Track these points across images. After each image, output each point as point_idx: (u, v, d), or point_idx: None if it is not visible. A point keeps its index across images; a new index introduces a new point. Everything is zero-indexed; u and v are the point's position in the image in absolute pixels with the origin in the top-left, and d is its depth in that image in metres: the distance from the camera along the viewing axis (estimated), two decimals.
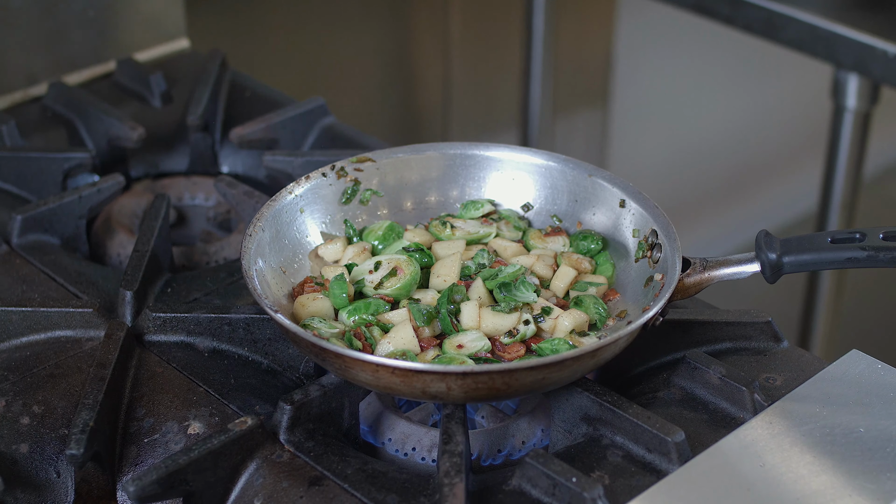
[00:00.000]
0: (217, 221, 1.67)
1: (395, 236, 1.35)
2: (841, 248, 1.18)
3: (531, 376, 1.11)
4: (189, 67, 1.91)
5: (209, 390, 1.24)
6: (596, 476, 1.11)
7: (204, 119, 1.72)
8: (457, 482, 1.07)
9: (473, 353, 1.20)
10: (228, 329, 1.30)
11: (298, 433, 1.16)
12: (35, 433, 1.18)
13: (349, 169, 1.37)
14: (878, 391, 1.18)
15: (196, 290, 1.41)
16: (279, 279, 1.28)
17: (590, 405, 1.17)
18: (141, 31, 1.93)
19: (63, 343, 1.30)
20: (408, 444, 1.22)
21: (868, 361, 1.22)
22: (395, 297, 1.27)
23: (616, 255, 1.33)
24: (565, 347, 1.19)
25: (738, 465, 1.10)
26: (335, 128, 1.74)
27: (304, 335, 1.14)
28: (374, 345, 1.21)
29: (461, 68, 2.72)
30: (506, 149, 1.40)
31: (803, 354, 1.29)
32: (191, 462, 1.09)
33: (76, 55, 1.86)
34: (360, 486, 1.11)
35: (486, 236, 1.36)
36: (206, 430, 1.19)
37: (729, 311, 1.32)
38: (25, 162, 1.60)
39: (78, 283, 1.40)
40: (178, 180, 1.72)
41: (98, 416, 1.15)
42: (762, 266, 1.20)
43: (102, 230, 1.58)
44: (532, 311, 1.24)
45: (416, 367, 1.10)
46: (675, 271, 1.21)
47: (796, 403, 1.17)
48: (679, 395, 1.23)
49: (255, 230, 1.27)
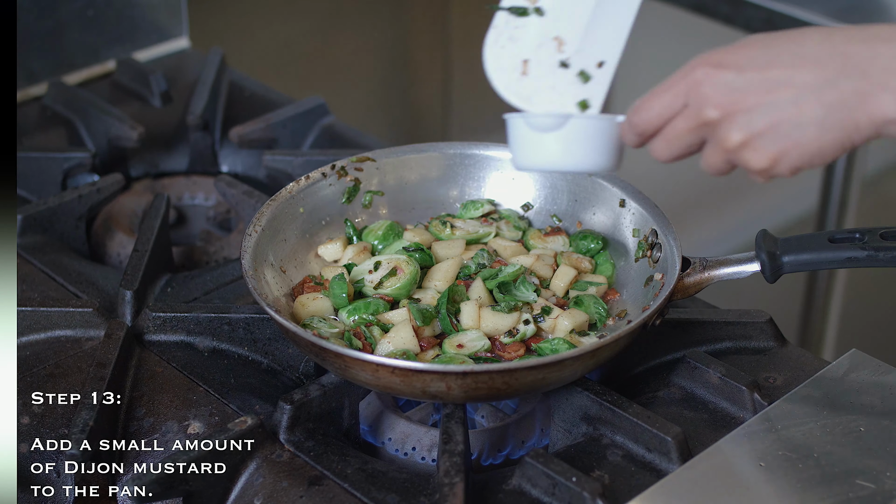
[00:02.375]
0: (217, 221, 1.67)
1: (395, 236, 1.35)
2: (840, 247, 1.18)
3: (531, 376, 1.11)
4: (189, 67, 1.91)
5: (209, 390, 1.24)
6: (596, 476, 1.11)
7: (204, 119, 1.72)
8: (456, 482, 1.06)
9: (473, 353, 1.20)
10: (228, 329, 1.30)
11: (298, 433, 1.16)
12: (35, 433, 1.18)
13: (349, 168, 1.37)
14: (878, 391, 1.18)
15: (196, 289, 1.41)
16: (279, 279, 1.28)
17: (589, 405, 1.17)
18: (141, 31, 1.93)
19: (63, 343, 1.30)
20: (408, 443, 1.22)
21: (868, 361, 1.22)
22: (395, 296, 1.27)
23: (616, 254, 1.33)
24: (565, 347, 1.19)
25: (738, 465, 1.10)
26: (335, 127, 1.74)
27: (304, 335, 1.14)
28: (374, 344, 1.21)
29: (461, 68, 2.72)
30: (506, 148, 1.40)
31: (803, 354, 1.29)
32: (191, 462, 1.09)
33: (76, 55, 1.86)
34: (359, 485, 1.11)
35: (485, 236, 1.36)
36: (206, 429, 1.19)
37: (729, 311, 1.32)
38: (25, 162, 1.60)
39: (78, 283, 1.40)
40: (178, 180, 1.72)
41: (98, 416, 1.15)
42: (762, 266, 1.20)
43: (102, 230, 1.58)
44: (532, 311, 1.24)
45: (416, 367, 1.10)
46: (674, 271, 1.21)
47: (796, 403, 1.17)
48: (679, 395, 1.23)
49: (255, 230, 1.27)
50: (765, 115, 0.95)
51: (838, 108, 0.93)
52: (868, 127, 0.93)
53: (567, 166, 1.13)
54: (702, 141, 1.01)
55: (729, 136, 0.97)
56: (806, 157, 0.96)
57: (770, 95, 0.95)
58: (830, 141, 0.94)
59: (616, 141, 1.09)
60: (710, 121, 0.98)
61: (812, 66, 0.94)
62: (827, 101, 0.94)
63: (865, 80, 0.93)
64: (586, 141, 1.10)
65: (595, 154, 1.10)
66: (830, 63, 0.94)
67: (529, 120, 1.10)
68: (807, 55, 0.95)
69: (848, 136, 0.94)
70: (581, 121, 1.09)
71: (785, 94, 0.95)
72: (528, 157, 1.13)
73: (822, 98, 0.94)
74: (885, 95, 0.92)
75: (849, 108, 0.93)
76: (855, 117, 0.93)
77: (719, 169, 1.01)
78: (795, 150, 0.95)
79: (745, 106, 0.96)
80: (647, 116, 1.02)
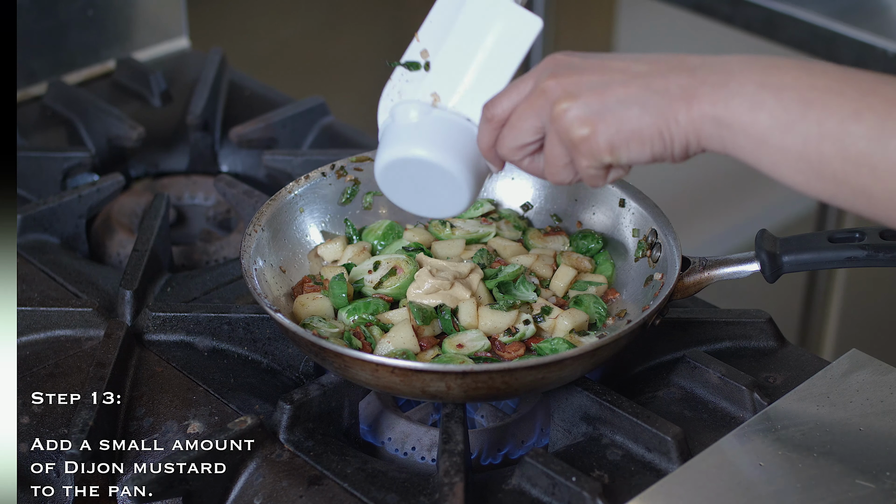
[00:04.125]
0: (217, 221, 1.67)
1: (394, 235, 1.35)
2: (840, 247, 1.18)
3: (530, 376, 1.11)
4: (189, 67, 1.91)
5: (209, 389, 1.24)
6: (595, 475, 1.11)
7: (204, 118, 1.72)
8: (456, 481, 1.06)
9: (473, 353, 1.20)
10: (228, 328, 1.30)
11: (298, 432, 1.16)
12: (35, 433, 1.18)
13: (349, 168, 1.37)
14: (877, 391, 1.18)
15: (196, 289, 1.41)
16: (279, 279, 1.28)
17: (589, 404, 1.17)
18: (141, 31, 1.93)
19: (63, 342, 1.30)
20: (407, 443, 1.22)
21: (868, 361, 1.22)
22: (395, 296, 1.27)
23: (616, 254, 1.33)
24: (565, 347, 1.19)
25: (737, 465, 1.10)
26: (335, 127, 1.74)
27: (304, 334, 1.14)
28: (374, 344, 1.21)
29: None
30: None
31: (803, 354, 1.29)
32: (190, 461, 1.09)
33: (76, 55, 1.86)
34: (359, 485, 1.11)
35: (485, 236, 1.36)
36: (206, 429, 1.19)
37: (729, 311, 1.32)
38: (25, 161, 1.60)
39: (78, 283, 1.40)
40: (178, 180, 1.72)
41: (98, 416, 1.15)
42: (762, 265, 1.20)
43: (102, 230, 1.58)
44: (532, 311, 1.24)
45: (416, 367, 1.10)
46: (674, 270, 1.21)
47: (796, 403, 1.17)
48: (679, 395, 1.23)
49: (255, 230, 1.27)
50: (594, 87, 1.00)
51: (661, 95, 0.98)
52: (686, 120, 0.97)
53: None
54: (540, 124, 1.04)
55: (559, 102, 1.01)
56: (623, 135, 0.99)
57: (603, 75, 1.00)
58: (649, 124, 0.98)
59: (473, 152, 1.11)
60: (544, 89, 1.02)
61: (649, 63, 1.00)
62: (653, 86, 0.98)
63: (690, 76, 0.97)
64: (444, 136, 1.11)
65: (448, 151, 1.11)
66: (665, 62, 1.00)
67: (395, 110, 1.12)
68: (647, 57, 1.02)
69: (666, 124, 0.98)
70: (441, 114, 1.11)
71: (617, 76, 1.00)
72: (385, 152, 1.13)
73: (650, 84, 0.98)
74: (703, 88, 0.96)
75: (670, 97, 0.98)
76: (675, 106, 0.97)
77: (554, 136, 1.03)
78: (614, 122, 0.99)
79: (577, 79, 1.01)
80: (497, 100, 1.07)
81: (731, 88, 0.96)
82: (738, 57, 0.98)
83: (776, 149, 0.95)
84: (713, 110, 0.96)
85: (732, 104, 0.95)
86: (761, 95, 0.95)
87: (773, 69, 0.96)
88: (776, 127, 0.94)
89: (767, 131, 0.95)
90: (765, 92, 0.95)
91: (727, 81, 0.96)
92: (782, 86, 0.94)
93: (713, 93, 0.96)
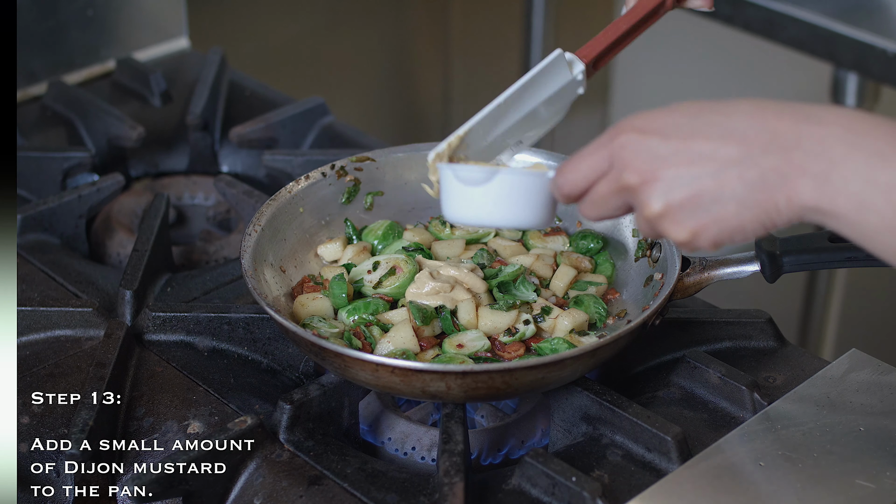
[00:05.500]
0: (217, 221, 1.67)
1: (394, 235, 1.35)
2: (840, 247, 1.18)
3: (531, 376, 1.11)
4: (189, 67, 1.91)
5: (209, 389, 1.24)
6: (596, 475, 1.11)
7: (203, 118, 1.72)
8: (456, 481, 1.06)
9: (473, 353, 1.20)
10: (228, 328, 1.30)
11: (298, 432, 1.16)
12: (35, 433, 1.18)
13: (349, 168, 1.37)
14: (877, 391, 1.18)
15: (196, 289, 1.41)
16: (279, 279, 1.28)
17: (589, 404, 1.17)
18: (141, 31, 1.93)
19: (63, 342, 1.30)
20: (407, 443, 1.22)
21: (868, 361, 1.22)
22: (394, 296, 1.27)
23: (616, 254, 1.33)
24: (565, 347, 1.19)
25: (738, 465, 1.10)
26: (335, 127, 1.74)
27: (304, 334, 1.14)
28: (374, 344, 1.21)
29: (461, 68, 2.72)
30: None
31: (803, 354, 1.29)
32: (190, 461, 1.09)
33: (76, 55, 1.87)
34: (359, 485, 1.11)
35: (485, 235, 1.36)
36: (206, 429, 1.19)
37: (729, 311, 1.32)
38: (25, 161, 1.60)
39: (78, 283, 1.40)
40: (178, 180, 1.72)
41: (98, 416, 1.15)
42: (762, 265, 1.20)
43: (102, 230, 1.58)
44: (532, 311, 1.24)
45: (416, 367, 1.10)
46: (674, 270, 1.21)
47: (796, 403, 1.17)
48: (679, 395, 1.23)
49: (255, 230, 1.27)
50: (684, 186, 0.93)
51: (759, 188, 0.91)
52: (787, 210, 0.91)
53: (496, 222, 1.11)
54: (627, 205, 0.99)
55: (648, 204, 0.95)
56: (726, 234, 0.94)
57: (691, 167, 0.93)
58: (750, 219, 0.92)
59: (546, 197, 1.06)
60: (629, 186, 0.96)
61: (737, 141, 0.92)
62: (748, 178, 0.91)
63: (787, 161, 0.90)
64: (515, 196, 1.06)
65: (524, 210, 1.06)
66: (756, 139, 0.91)
67: (458, 172, 1.07)
68: (733, 128, 0.92)
69: (768, 216, 0.92)
70: (508, 175, 1.06)
71: (707, 167, 0.92)
72: (457, 210, 1.09)
73: (744, 175, 0.91)
74: (804, 181, 0.89)
75: (769, 189, 0.91)
76: (775, 198, 0.91)
77: (647, 234, 0.99)
78: (715, 225, 0.93)
79: (665, 175, 0.94)
80: (572, 178, 1.00)
81: (835, 185, 0.89)
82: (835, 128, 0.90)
83: (885, 246, 0.90)
84: (817, 205, 0.90)
85: (838, 202, 0.89)
86: (870, 197, 0.88)
87: (877, 159, 0.88)
88: (886, 229, 0.88)
89: (876, 234, 0.89)
90: (874, 193, 0.88)
91: (829, 173, 0.89)
92: (891, 186, 0.87)
93: (816, 188, 0.89)
